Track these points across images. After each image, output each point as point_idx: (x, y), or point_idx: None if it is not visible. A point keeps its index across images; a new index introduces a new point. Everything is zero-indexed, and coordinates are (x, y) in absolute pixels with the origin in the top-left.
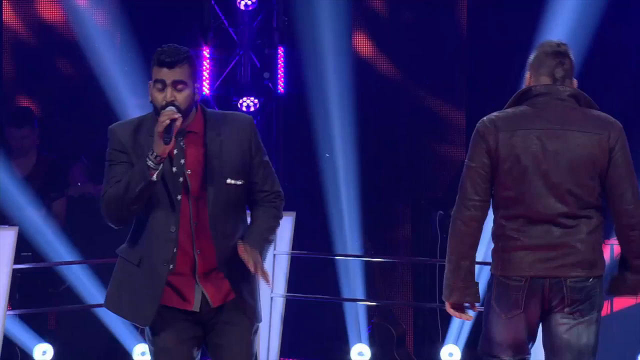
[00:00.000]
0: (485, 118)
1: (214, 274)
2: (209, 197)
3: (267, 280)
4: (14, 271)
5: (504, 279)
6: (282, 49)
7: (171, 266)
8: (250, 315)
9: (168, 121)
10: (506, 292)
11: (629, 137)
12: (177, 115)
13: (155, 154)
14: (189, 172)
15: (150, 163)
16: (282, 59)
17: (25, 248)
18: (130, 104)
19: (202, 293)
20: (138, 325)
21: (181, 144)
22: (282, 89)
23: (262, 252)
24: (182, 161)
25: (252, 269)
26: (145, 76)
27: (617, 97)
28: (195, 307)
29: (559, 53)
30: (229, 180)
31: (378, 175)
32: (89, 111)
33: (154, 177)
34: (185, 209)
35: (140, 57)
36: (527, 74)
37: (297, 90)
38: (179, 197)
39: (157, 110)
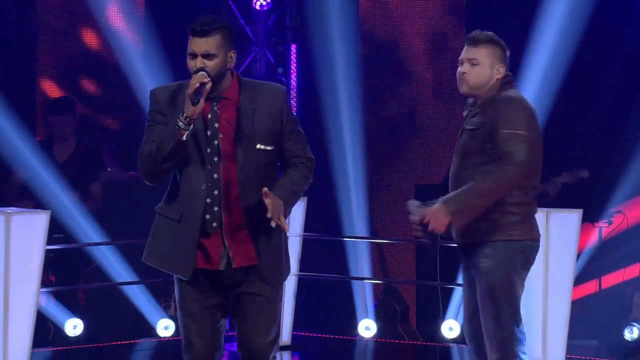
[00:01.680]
0: (524, 97)
1: (241, 235)
2: (239, 161)
3: (284, 228)
4: (47, 252)
5: (533, 243)
6: (294, 46)
7: (207, 216)
8: (274, 282)
9: (198, 84)
10: (532, 256)
11: (617, 130)
12: (207, 79)
13: (185, 115)
14: (221, 135)
15: (180, 124)
16: (294, 55)
17: (57, 230)
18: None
19: (228, 254)
20: (182, 278)
21: (215, 109)
22: (294, 83)
23: (286, 203)
24: (216, 125)
25: (269, 214)
26: (166, 73)
27: (604, 91)
28: (221, 266)
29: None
30: (258, 145)
31: (384, 162)
32: (117, 104)
33: (184, 137)
34: (217, 170)
35: (162, 55)
36: (501, 67)
37: (309, 84)
38: (215, 159)
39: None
